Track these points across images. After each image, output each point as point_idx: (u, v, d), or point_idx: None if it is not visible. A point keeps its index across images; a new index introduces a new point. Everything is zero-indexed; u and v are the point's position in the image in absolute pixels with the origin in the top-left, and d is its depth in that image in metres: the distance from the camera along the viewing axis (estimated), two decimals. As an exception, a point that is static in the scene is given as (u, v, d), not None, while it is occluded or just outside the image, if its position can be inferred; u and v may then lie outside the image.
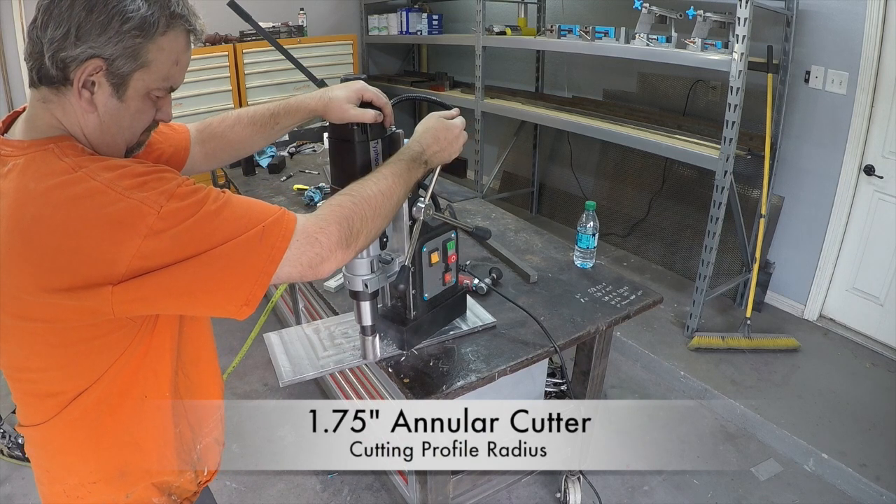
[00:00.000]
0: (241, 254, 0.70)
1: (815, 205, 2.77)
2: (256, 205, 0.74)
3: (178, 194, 0.68)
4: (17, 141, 0.72)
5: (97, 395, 0.77)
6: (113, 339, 0.75)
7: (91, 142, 0.74)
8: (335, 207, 0.80)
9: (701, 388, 2.43)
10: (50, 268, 0.65)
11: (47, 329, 0.71)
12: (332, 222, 0.77)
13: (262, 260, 0.71)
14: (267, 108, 1.04)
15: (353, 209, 0.80)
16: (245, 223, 0.71)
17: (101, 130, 0.73)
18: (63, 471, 0.83)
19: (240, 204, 0.73)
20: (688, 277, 3.26)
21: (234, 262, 0.70)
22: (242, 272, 0.71)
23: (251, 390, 2.50)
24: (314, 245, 0.75)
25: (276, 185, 2.43)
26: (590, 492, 1.77)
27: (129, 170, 0.68)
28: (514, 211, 2.54)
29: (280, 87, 4.13)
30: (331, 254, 0.76)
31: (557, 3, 3.81)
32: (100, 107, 0.71)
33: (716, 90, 3.09)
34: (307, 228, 0.75)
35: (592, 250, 1.63)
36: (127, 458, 0.84)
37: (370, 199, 0.83)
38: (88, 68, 0.68)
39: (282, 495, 1.98)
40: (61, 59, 0.68)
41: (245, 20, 2.20)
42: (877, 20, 2.38)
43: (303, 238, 0.74)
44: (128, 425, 0.83)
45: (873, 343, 2.65)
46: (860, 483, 1.94)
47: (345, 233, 0.78)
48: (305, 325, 1.34)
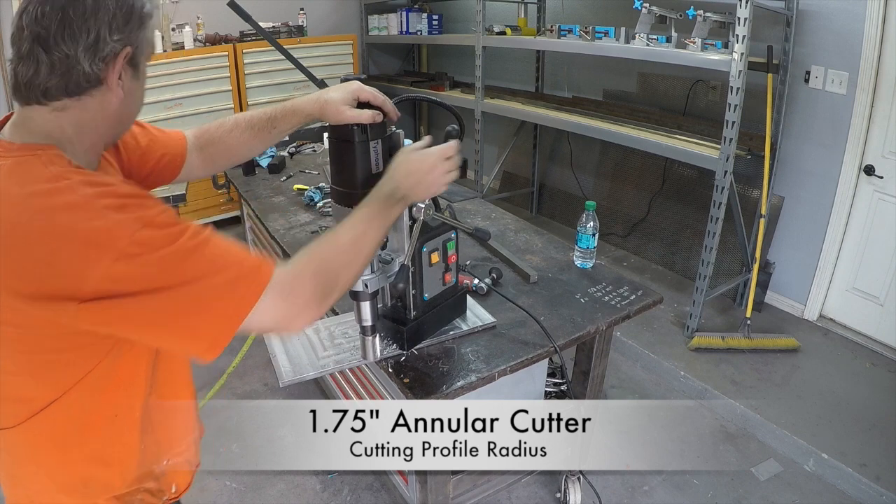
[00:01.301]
0: (211, 297, 0.69)
1: (815, 205, 2.77)
2: (235, 250, 0.72)
3: (156, 223, 0.67)
4: (8, 142, 0.71)
5: (66, 408, 0.76)
6: (82, 355, 0.74)
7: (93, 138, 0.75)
8: (311, 261, 0.78)
9: (701, 388, 2.43)
10: (20, 272, 0.65)
11: (16, 334, 0.70)
12: (307, 278, 0.76)
13: (232, 307, 0.70)
14: (264, 113, 1.03)
15: (329, 262, 0.79)
16: (220, 266, 0.69)
17: (117, 119, 0.76)
18: (27, 478, 0.83)
19: (218, 246, 0.71)
20: (688, 277, 3.26)
21: (202, 305, 0.68)
22: (210, 316, 0.69)
23: (251, 390, 2.50)
24: (287, 300, 0.73)
25: (276, 185, 2.43)
26: (590, 492, 1.78)
27: (111, 189, 0.67)
28: (514, 211, 2.54)
29: (280, 87, 4.13)
30: (303, 311, 0.76)
31: (557, 3, 3.81)
32: (126, 93, 0.75)
33: (716, 90, 3.09)
34: (282, 283, 0.73)
35: (592, 250, 1.63)
36: (92, 472, 0.84)
37: (345, 249, 0.82)
38: (121, 59, 0.71)
39: (282, 495, 1.98)
40: (101, 59, 0.70)
41: (245, 20, 2.19)
42: (877, 20, 2.38)
43: (276, 292, 0.72)
44: (96, 441, 0.82)
45: (873, 343, 2.65)
46: (860, 483, 1.94)
47: (319, 289, 0.77)
48: (305, 325, 1.34)
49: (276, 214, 2.09)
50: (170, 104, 3.72)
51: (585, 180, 4.00)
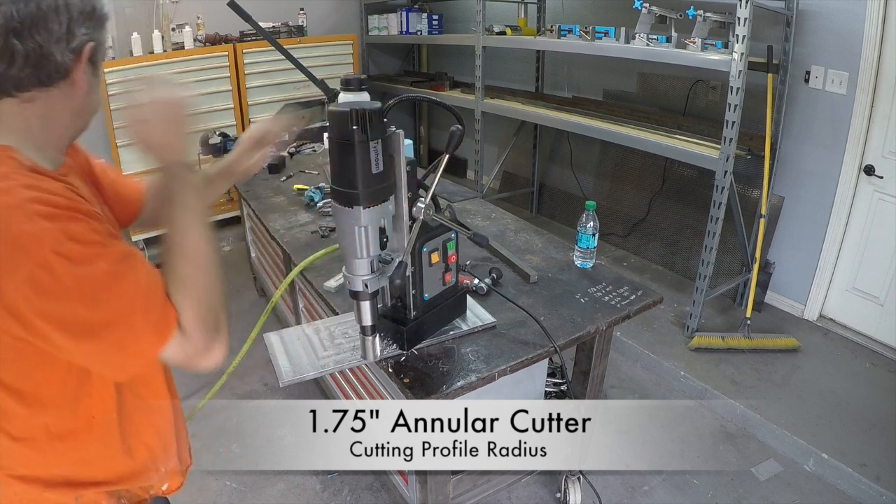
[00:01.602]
0: (122, 337, 0.70)
1: (815, 205, 2.77)
2: (153, 285, 0.73)
3: (82, 239, 0.67)
4: None
5: (42, 417, 0.78)
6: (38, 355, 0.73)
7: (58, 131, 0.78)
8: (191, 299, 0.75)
9: (701, 388, 2.43)
10: None
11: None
12: (194, 321, 0.75)
13: (143, 346, 0.71)
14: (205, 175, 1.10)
15: (202, 291, 0.77)
16: (130, 308, 0.70)
17: (80, 112, 0.79)
18: (12, 478, 0.84)
19: (137, 281, 0.71)
20: (688, 277, 3.26)
21: (113, 342, 0.70)
22: (121, 352, 0.71)
23: (251, 390, 2.50)
24: (185, 346, 0.74)
25: (276, 185, 2.43)
26: (590, 492, 1.78)
27: (48, 198, 0.68)
28: (514, 211, 2.54)
29: (280, 87, 4.13)
30: (204, 350, 0.75)
31: (557, 3, 3.81)
32: (88, 88, 0.78)
33: (716, 90, 3.09)
34: (180, 331, 0.73)
35: (592, 250, 1.63)
36: (76, 471, 0.85)
37: (203, 265, 0.79)
38: (86, 52, 0.75)
39: (282, 495, 1.98)
40: (71, 50, 0.73)
41: (245, 20, 2.20)
42: (877, 20, 2.38)
43: (178, 339, 0.73)
44: (75, 445, 0.83)
45: (873, 343, 2.65)
46: (860, 483, 1.94)
47: (210, 324, 0.76)
48: (305, 325, 1.34)
49: (276, 214, 2.09)
50: (170, 104, 3.73)
51: (585, 180, 4.00)
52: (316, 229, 1.94)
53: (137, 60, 3.61)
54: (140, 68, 3.59)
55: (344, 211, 1.01)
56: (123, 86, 0.97)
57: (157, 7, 3.84)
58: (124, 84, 0.85)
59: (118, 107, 3.56)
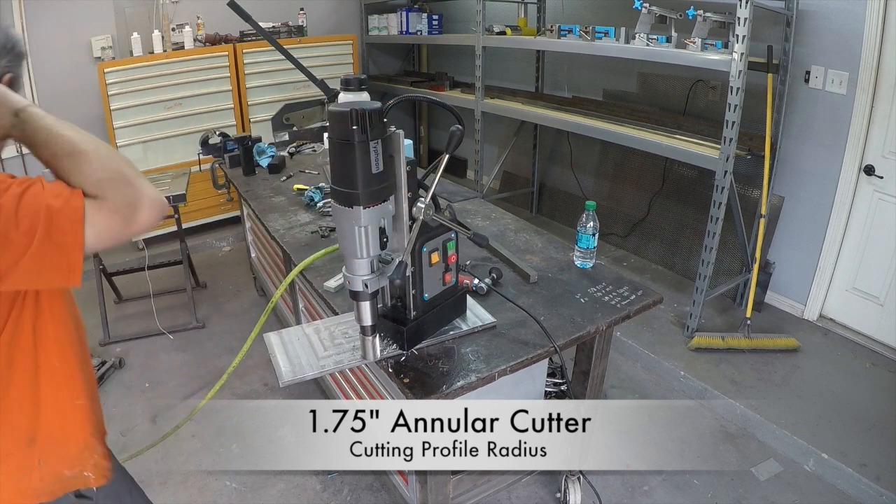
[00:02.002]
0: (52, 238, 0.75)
1: (815, 205, 2.77)
2: (55, 184, 0.79)
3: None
4: None
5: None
6: None
7: None
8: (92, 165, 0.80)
9: (701, 388, 2.43)
10: None
11: None
12: (106, 182, 0.79)
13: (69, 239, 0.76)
14: None
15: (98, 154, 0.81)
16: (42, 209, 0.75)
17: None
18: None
19: (37, 191, 0.76)
20: (688, 277, 3.27)
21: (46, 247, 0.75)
22: (56, 254, 0.76)
23: (251, 390, 2.50)
24: (103, 208, 0.78)
25: (276, 185, 2.43)
26: (590, 492, 1.78)
27: None
28: (514, 211, 2.54)
29: (280, 87, 4.13)
30: (122, 207, 0.79)
31: (557, 3, 3.81)
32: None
33: (716, 90, 3.09)
34: (90, 200, 0.78)
35: (592, 250, 1.63)
36: (33, 421, 0.90)
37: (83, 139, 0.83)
38: (5, 80, 0.86)
39: (282, 495, 1.98)
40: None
41: (245, 20, 2.20)
42: (877, 20, 2.38)
43: (93, 209, 0.77)
44: (30, 383, 0.89)
45: (873, 343, 2.65)
46: (860, 483, 1.94)
47: (117, 178, 0.79)
48: (305, 325, 1.34)
49: (276, 214, 2.09)
50: (170, 104, 3.73)
51: (585, 180, 4.00)
52: (316, 229, 1.94)
53: (137, 60, 3.62)
54: (140, 68, 3.60)
55: (344, 211, 1.01)
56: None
57: (157, 7, 3.84)
58: None
59: (118, 107, 3.57)
